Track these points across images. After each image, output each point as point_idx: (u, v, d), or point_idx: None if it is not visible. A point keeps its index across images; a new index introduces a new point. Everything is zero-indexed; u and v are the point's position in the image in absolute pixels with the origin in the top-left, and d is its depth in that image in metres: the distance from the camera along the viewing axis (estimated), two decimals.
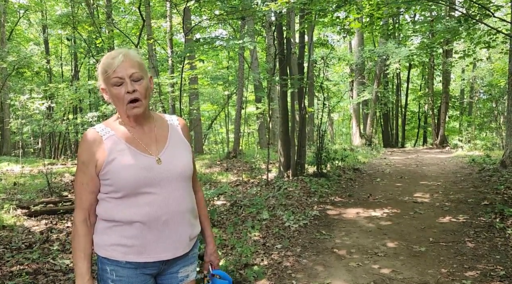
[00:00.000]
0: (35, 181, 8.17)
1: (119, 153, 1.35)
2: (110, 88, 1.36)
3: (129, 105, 1.37)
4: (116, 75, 1.34)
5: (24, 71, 17.33)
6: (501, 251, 3.83)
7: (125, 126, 1.42)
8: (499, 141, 17.46)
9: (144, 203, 1.34)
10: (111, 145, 1.36)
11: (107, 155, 1.34)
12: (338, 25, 7.78)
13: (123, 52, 1.37)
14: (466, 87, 22.02)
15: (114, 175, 1.32)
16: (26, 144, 22.83)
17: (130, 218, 1.33)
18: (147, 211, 1.34)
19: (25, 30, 22.78)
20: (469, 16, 6.16)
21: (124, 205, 1.34)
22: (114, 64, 1.34)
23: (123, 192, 1.33)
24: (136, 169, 1.34)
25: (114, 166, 1.33)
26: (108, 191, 1.36)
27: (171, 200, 1.38)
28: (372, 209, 5.73)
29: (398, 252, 3.91)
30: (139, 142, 1.40)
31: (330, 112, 15.90)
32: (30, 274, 3.12)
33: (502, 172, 7.95)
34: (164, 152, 1.42)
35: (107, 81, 1.36)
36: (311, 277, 3.35)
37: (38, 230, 4.54)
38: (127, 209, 1.34)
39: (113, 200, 1.35)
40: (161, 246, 1.36)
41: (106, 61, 1.36)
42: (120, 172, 1.32)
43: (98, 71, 1.39)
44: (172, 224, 1.38)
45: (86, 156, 1.36)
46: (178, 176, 1.41)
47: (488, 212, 5.16)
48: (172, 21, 14.03)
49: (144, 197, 1.34)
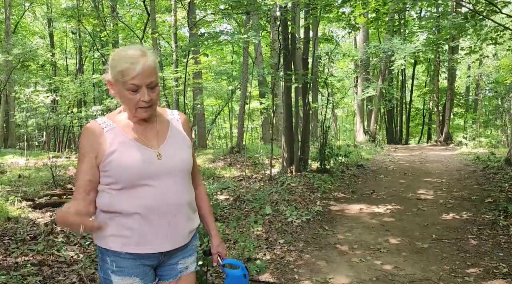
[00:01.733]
0: (39, 173, 8.23)
1: (120, 146, 1.37)
2: (123, 90, 1.35)
3: (140, 109, 1.38)
4: (133, 82, 1.32)
5: (29, 64, 17.37)
6: (505, 248, 3.82)
7: (128, 120, 1.43)
8: (504, 138, 17.34)
9: (143, 195, 1.36)
10: (112, 137, 1.37)
11: (108, 147, 1.36)
12: (344, 20, 7.74)
13: (143, 60, 1.32)
14: (472, 84, 21.86)
15: (115, 167, 1.34)
16: (30, 137, 22.96)
17: (129, 209, 1.35)
18: (146, 203, 1.35)
19: (30, 23, 22.83)
20: (476, 12, 6.10)
21: (123, 196, 1.36)
22: (134, 72, 1.31)
23: (123, 184, 1.35)
24: (136, 162, 1.35)
25: (115, 158, 1.34)
26: (108, 182, 1.37)
27: (170, 193, 1.40)
28: (375, 206, 5.73)
29: (401, 248, 3.91)
30: (140, 136, 1.42)
31: (334, 108, 15.87)
32: (35, 265, 3.16)
33: (506, 170, 7.91)
34: (164, 147, 1.44)
35: (121, 83, 1.34)
36: (314, 272, 3.36)
37: (42, 222, 4.58)
38: (126, 201, 1.35)
39: (113, 191, 1.37)
40: (159, 237, 1.38)
41: (125, 64, 1.31)
42: (121, 164, 1.34)
43: (110, 65, 1.37)
44: (171, 216, 1.40)
45: (87, 148, 1.37)
46: (177, 170, 1.43)
47: (492, 210, 5.15)
48: (176, 15, 14.01)
49: (144, 189, 1.36)
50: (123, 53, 1.35)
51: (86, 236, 4.00)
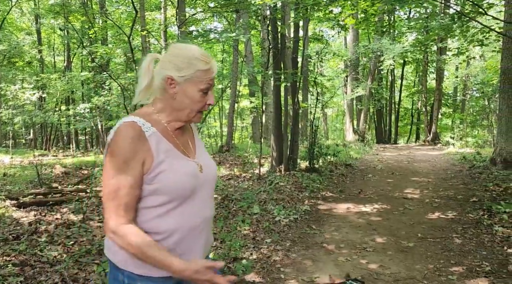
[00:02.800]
0: (25, 172, 8.10)
1: (166, 156, 1.22)
2: (193, 91, 1.24)
3: (199, 113, 1.30)
4: (210, 83, 1.26)
5: (16, 61, 17.10)
6: (488, 247, 3.87)
7: (165, 124, 1.28)
8: (490, 138, 17.62)
9: (188, 212, 1.25)
10: (155, 144, 1.21)
11: (155, 156, 1.19)
12: (333, 20, 7.77)
13: (215, 63, 1.28)
14: (460, 85, 22.16)
15: (164, 180, 1.19)
16: (17, 135, 22.60)
17: (173, 228, 1.22)
18: (189, 220, 1.25)
19: (17, 19, 22.43)
20: (462, 14, 6.17)
21: (169, 214, 1.22)
22: (212, 74, 1.26)
23: (172, 200, 1.21)
24: (186, 176, 1.24)
25: (163, 169, 1.20)
26: (150, 197, 1.21)
27: (206, 207, 1.32)
28: (363, 205, 5.76)
29: (387, 247, 3.94)
30: (179, 144, 1.29)
31: (324, 108, 15.93)
32: (17, 265, 3.10)
33: (491, 170, 8.03)
34: (199, 157, 1.34)
35: (194, 83, 1.24)
36: (300, 272, 3.36)
37: (26, 221, 4.51)
38: (172, 219, 1.22)
39: (156, 209, 1.21)
40: (193, 254, 1.28)
41: (204, 64, 1.24)
42: (171, 177, 1.20)
43: (183, 62, 1.24)
44: (205, 231, 1.32)
45: (131, 153, 1.16)
46: (212, 182, 1.36)
47: (476, 209, 5.22)
48: (166, 13, 13.89)
49: (188, 205, 1.25)
50: (197, 52, 1.25)
51: (71, 236, 3.95)
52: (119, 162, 1.16)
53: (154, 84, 1.28)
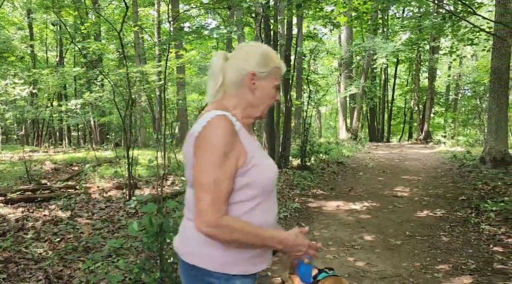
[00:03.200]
0: (14, 168, 8.03)
1: (255, 151, 1.24)
2: (269, 86, 1.31)
3: (267, 109, 1.36)
4: (279, 81, 1.36)
5: (7, 56, 16.89)
6: (474, 245, 3.91)
7: (240, 119, 1.30)
8: (481, 137, 17.76)
9: (269, 208, 1.28)
10: (244, 139, 1.22)
11: (247, 150, 1.21)
12: (326, 18, 7.76)
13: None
14: (452, 84, 22.30)
15: (257, 174, 1.21)
16: (9, 131, 22.38)
17: (261, 223, 1.23)
18: (271, 215, 1.29)
19: (9, 14, 22.16)
20: (452, 14, 6.19)
21: (257, 208, 1.23)
22: (283, 71, 1.35)
23: (260, 195, 1.23)
24: (271, 171, 1.27)
25: (255, 164, 1.21)
26: (242, 191, 1.21)
27: (276, 203, 1.36)
28: (353, 203, 5.79)
29: (374, 245, 3.96)
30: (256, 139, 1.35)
31: (317, 105, 15.95)
32: (1, 262, 3.07)
33: (481, 168, 8.10)
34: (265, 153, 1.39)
35: (272, 79, 1.31)
36: (287, 269, 3.36)
37: (13, 218, 4.47)
38: (259, 213, 1.24)
39: (245, 204, 1.22)
40: (269, 249, 1.32)
41: (280, 62, 1.33)
42: (263, 172, 1.23)
43: (263, 59, 1.29)
44: (275, 227, 1.35)
45: (229, 147, 1.17)
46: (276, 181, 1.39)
47: (464, 207, 5.26)
48: (160, 9, 13.82)
49: (269, 200, 1.28)
50: (271, 50, 1.33)
51: (58, 233, 3.92)
52: (219, 154, 1.15)
53: (228, 81, 1.30)
